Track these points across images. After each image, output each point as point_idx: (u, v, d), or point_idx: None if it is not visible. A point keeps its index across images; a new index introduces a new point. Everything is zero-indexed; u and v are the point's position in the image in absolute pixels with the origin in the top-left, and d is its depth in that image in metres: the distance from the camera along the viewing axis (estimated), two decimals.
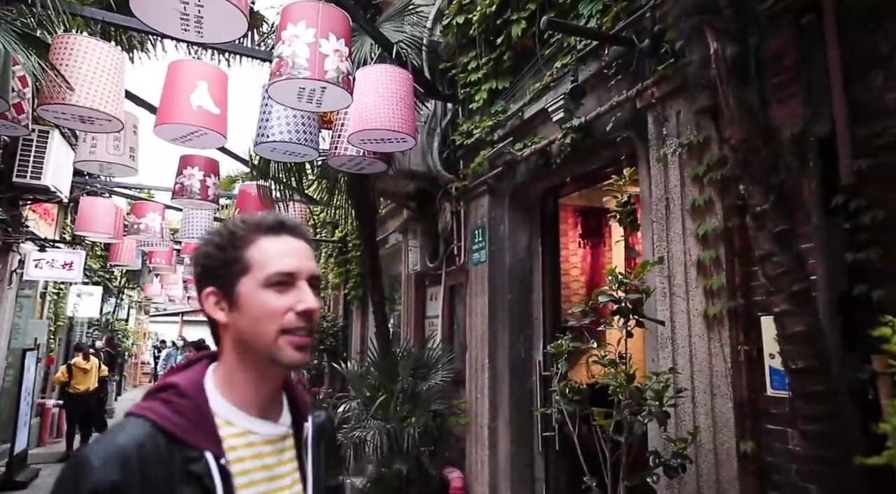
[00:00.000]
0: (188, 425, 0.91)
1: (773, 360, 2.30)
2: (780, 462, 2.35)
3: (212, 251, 0.99)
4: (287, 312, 0.95)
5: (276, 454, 0.99)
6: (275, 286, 0.95)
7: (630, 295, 2.08)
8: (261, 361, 0.97)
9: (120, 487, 0.83)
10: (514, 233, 4.60)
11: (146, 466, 0.86)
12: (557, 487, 4.26)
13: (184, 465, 0.88)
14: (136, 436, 0.88)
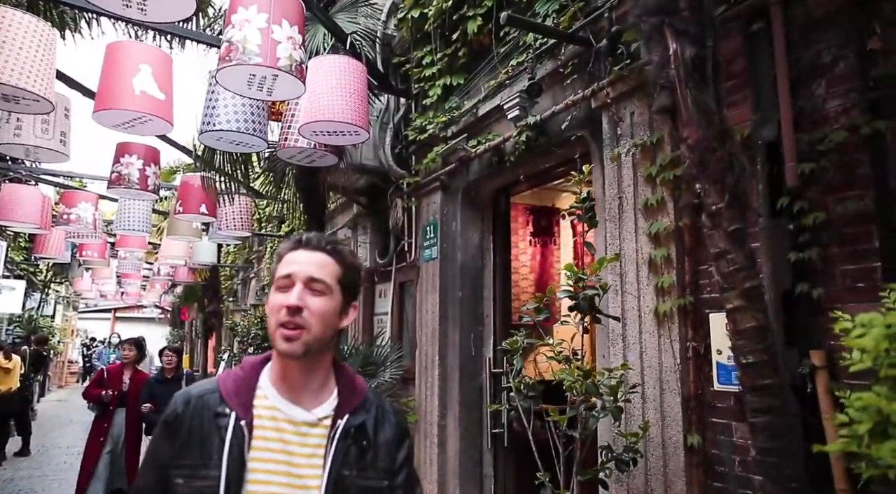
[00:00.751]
0: (232, 391, 1.19)
1: (721, 356, 2.38)
2: (724, 455, 2.44)
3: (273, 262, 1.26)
4: (281, 308, 1.16)
5: (299, 436, 1.18)
6: (278, 289, 1.18)
7: (587, 291, 2.10)
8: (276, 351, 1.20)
9: (180, 417, 1.17)
10: (466, 230, 4.59)
11: (199, 409, 1.17)
12: (506, 483, 4.29)
13: (216, 417, 1.16)
14: (205, 389, 1.21)
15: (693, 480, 2.49)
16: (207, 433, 1.14)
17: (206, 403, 1.17)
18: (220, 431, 1.13)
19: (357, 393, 1.26)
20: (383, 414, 1.27)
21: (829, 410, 2.02)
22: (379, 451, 1.22)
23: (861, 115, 2.02)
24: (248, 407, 1.17)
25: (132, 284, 16.23)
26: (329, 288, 1.20)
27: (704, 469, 2.49)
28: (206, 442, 1.14)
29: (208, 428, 1.15)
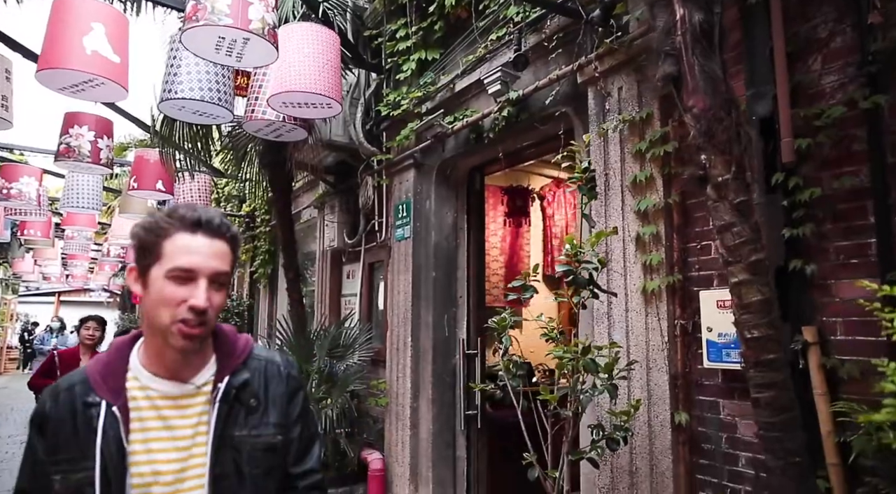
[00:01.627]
0: (99, 378, 1.13)
1: (711, 333, 2.37)
2: (711, 432, 2.43)
3: (141, 233, 1.13)
4: (181, 304, 1.08)
5: (178, 409, 1.14)
6: (175, 279, 1.09)
7: (586, 265, 2.04)
8: (159, 337, 1.12)
9: (48, 415, 1.11)
10: (441, 209, 4.49)
11: (67, 403, 1.11)
12: (479, 465, 4.25)
13: (85, 408, 1.10)
14: (73, 380, 1.14)
15: (679, 457, 2.48)
16: (79, 425, 1.10)
17: (75, 395, 1.12)
18: (92, 421, 1.09)
19: (237, 354, 1.22)
20: (273, 368, 1.25)
21: (822, 386, 2.02)
22: (269, 407, 1.20)
23: (859, 90, 2.00)
24: (119, 391, 1.12)
25: (79, 266, 15.48)
26: (228, 280, 1.16)
27: (691, 446, 2.48)
28: (80, 435, 1.09)
29: (80, 420, 1.10)
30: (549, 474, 2.35)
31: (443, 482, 4.18)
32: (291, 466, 1.23)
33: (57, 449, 1.09)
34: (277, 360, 1.28)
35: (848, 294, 2.02)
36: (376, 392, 4.71)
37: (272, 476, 1.18)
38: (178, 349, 1.10)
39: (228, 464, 1.13)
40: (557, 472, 2.32)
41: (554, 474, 2.35)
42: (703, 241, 2.51)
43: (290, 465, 1.23)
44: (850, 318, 2.02)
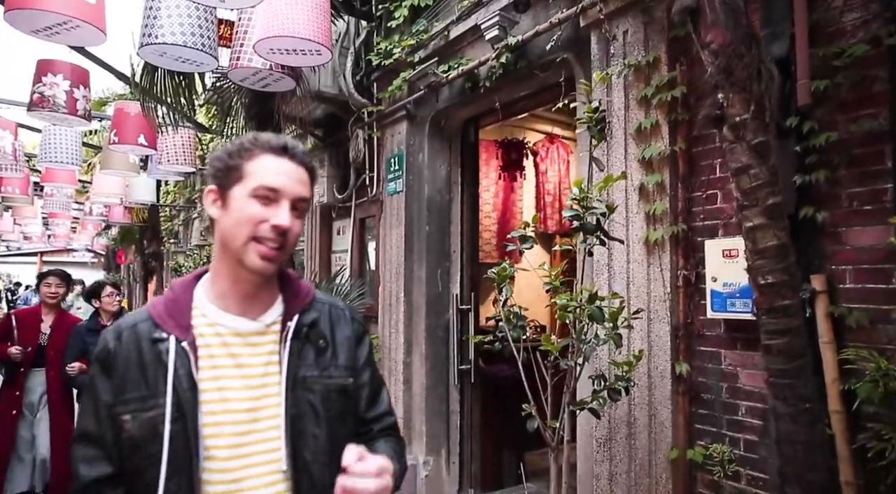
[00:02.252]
0: (166, 314, 1.10)
1: (716, 283, 2.32)
2: (711, 383, 2.42)
3: (222, 156, 1.11)
4: (262, 222, 1.06)
5: (249, 347, 1.11)
6: (259, 198, 1.06)
7: (594, 211, 1.96)
8: (233, 261, 1.09)
9: (113, 353, 1.08)
10: (434, 162, 4.38)
11: (132, 340, 1.08)
12: (472, 418, 4.27)
13: (153, 343, 1.07)
14: (136, 319, 1.12)
15: (679, 408, 2.48)
16: (147, 362, 1.06)
17: (140, 332, 1.08)
18: (161, 356, 1.06)
19: (303, 294, 1.20)
20: (338, 312, 1.22)
21: (828, 334, 2.00)
22: (338, 349, 1.17)
23: (884, 27, 1.91)
24: (187, 327, 1.09)
25: (61, 225, 15.17)
26: (307, 209, 1.15)
27: (690, 397, 2.47)
28: (148, 372, 1.06)
29: (147, 357, 1.06)
30: (549, 424, 2.34)
31: (436, 435, 4.20)
32: (364, 411, 1.21)
33: (124, 388, 1.05)
34: (340, 305, 1.25)
35: (859, 241, 1.98)
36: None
37: (346, 420, 1.16)
38: (254, 271, 1.07)
39: (304, 404, 1.10)
40: (557, 422, 2.30)
41: (554, 424, 2.33)
42: (709, 190, 2.45)
43: (363, 410, 1.21)
44: (860, 266, 1.98)
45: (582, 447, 2.91)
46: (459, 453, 4.28)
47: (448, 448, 4.26)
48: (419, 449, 4.19)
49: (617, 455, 2.69)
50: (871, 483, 1.91)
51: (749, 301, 2.15)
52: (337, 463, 1.02)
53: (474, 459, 4.29)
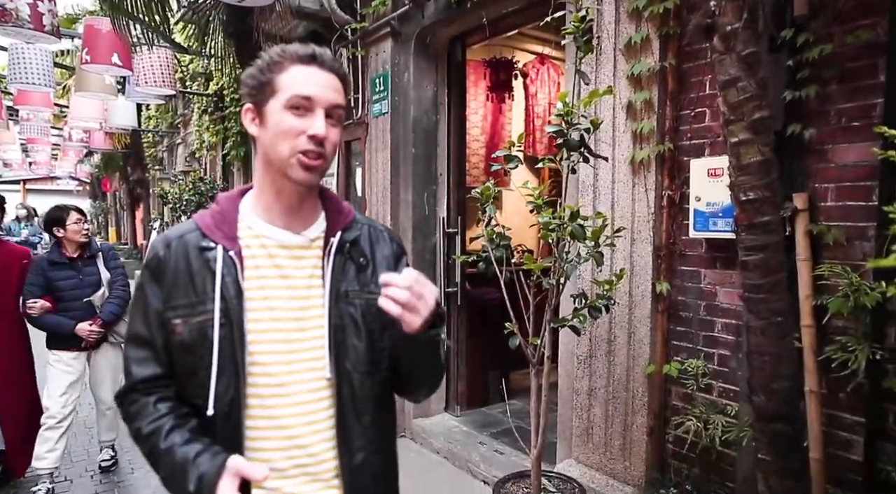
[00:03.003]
0: (213, 225, 1.13)
1: (699, 203, 2.32)
2: (689, 301, 2.47)
3: (254, 72, 1.10)
4: (300, 134, 1.05)
5: (294, 259, 1.13)
6: (294, 109, 1.06)
7: (578, 126, 1.92)
8: (277, 174, 1.10)
9: (161, 261, 1.11)
10: (420, 82, 4.24)
11: (181, 249, 1.11)
12: (458, 338, 4.37)
13: (201, 252, 1.11)
14: (183, 230, 1.15)
15: (657, 325, 2.54)
16: (196, 269, 1.10)
17: (188, 241, 1.11)
18: (210, 264, 1.09)
19: (345, 213, 1.22)
20: (377, 233, 1.24)
21: (806, 251, 2.02)
22: (378, 267, 1.18)
23: None
24: (234, 238, 1.12)
25: (41, 151, 14.82)
26: (342, 117, 1.12)
27: (669, 315, 2.53)
28: (196, 279, 1.09)
29: (196, 265, 1.10)
30: (531, 342, 2.39)
31: None
32: None
33: (174, 294, 1.09)
34: (380, 226, 1.27)
35: (844, 158, 1.97)
36: None
37: (387, 334, 1.16)
38: (298, 182, 1.08)
39: (346, 317, 1.14)
40: (539, 339, 2.36)
41: (535, 342, 2.38)
42: (698, 108, 2.40)
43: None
44: (842, 184, 1.98)
45: (563, 364, 3.00)
46: (446, 372, 4.40)
47: None
48: None
49: (597, 372, 2.78)
50: (832, 391, 1.99)
51: (731, 220, 2.16)
52: (377, 375, 1.14)
53: (460, 378, 4.43)
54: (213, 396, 1.07)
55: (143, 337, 1.11)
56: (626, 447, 2.65)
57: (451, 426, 4.21)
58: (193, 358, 1.08)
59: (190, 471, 1.02)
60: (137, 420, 1.09)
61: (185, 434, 1.07)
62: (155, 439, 1.07)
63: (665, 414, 2.58)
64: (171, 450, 1.05)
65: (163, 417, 1.08)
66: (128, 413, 1.11)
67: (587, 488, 2.68)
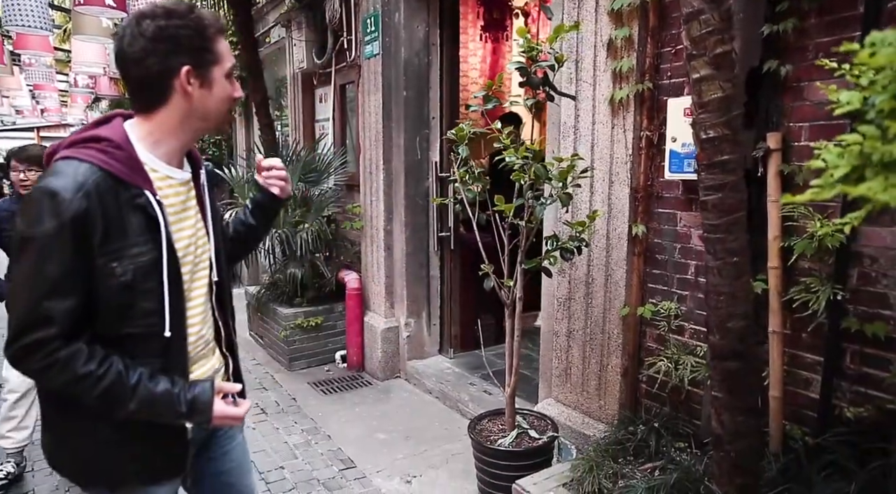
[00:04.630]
0: (128, 170, 1.18)
1: (675, 144, 2.28)
2: (665, 243, 2.46)
3: (187, 34, 1.18)
4: (233, 98, 1.30)
5: (186, 193, 1.33)
6: (229, 77, 1.27)
7: (541, 63, 1.87)
8: (203, 127, 1.32)
9: (89, 212, 1.10)
10: (411, 22, 4.13)
11: (102, 198, 1.13)
12: (452, 282, 4.42)
13: (131, 199, 1.17)
14: (92, 177, 1.13)
15: (633, 268, 2.54)
16: (127, 214, 1.16)
17: (109, 189, 1.14)
18: (146, 209, 1.18)
19: (196, 153, 1.43)
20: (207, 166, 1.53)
21: (776, 193, 1.99)
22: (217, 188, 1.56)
23: None
24: (150, 182, 1.22)
25: (49, 98, 14.79)
26: None
27: (645, 257, 2.53)
28: (131, 223, 1.16)
29: (126, 210, 1.16)
30: (504, 283, 2.42)
31: (417, 299, 4.38)
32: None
33: (108, 240, 1.13)
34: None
35: (820, 95, 1.91)
36: (352, 216, 4.74)
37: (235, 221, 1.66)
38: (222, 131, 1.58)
39: (219, 229, 1.43)
40: (512, 281, 2.38)
41: (509, 283, 2.41)
42: (679, 45, 2.32)
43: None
44: (816, 122, 1.93)
45: (545, 307, 3.04)
46: (440, 316, 4.48)
47: (429, 311, 4.46)
48: (400, 312, 4.39)
49: (575, 314, 2.81)
50: (795, 331, 2.01)
51: None
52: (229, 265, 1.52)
53: (454, 321, 4.51)
54: (168, 320, 1.22)
55: (67, 285, 1.10)
56: (601, 387, 2.71)
57: (443, 368, 4.32)
58: (133, 294, 1.17)
59: (178, 397, 1.21)
60: (75, 363, 1.11)
61: (141, 370, 1.19)
62: (114, 377, 1.14)
63: (639, 355, 2.62)
64: (141, 385, 1.17)
65: (108, 357, 1.15)
66: (50, 363, 1.10)
67: (563, 425, 2.77)
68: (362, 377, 4.50)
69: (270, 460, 3.21)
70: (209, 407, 1.24)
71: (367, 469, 3.13)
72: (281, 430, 3.60)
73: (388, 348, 4.40)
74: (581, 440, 2.72)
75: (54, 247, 1.09)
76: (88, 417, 1.22)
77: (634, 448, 2.33)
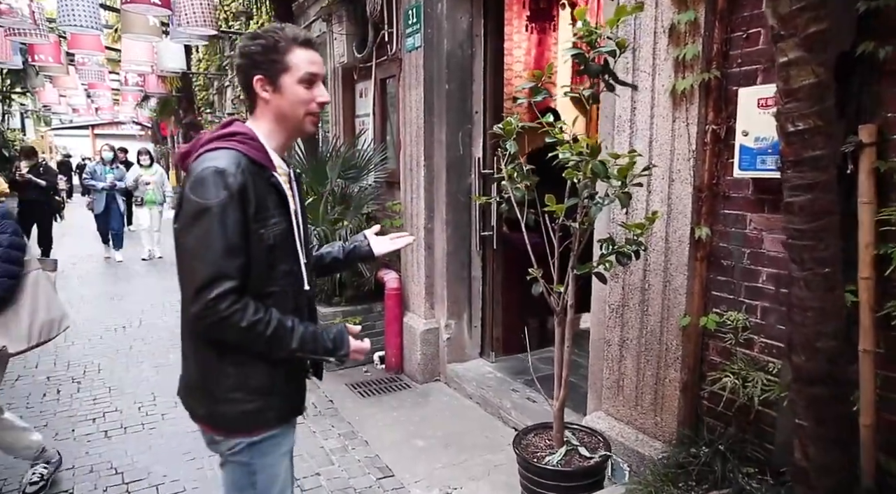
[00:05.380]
0: (263, 156, 1.43)
1: (746, 138, 2.06)
2: (732, 247, 2.24)
3: (258, 50, 1.42)
4: (311, 102, 1.46)
5: (288, 182, 1.54)
6: (305, 82, 1.43)
7: (601, 49, 1.67)
8: (292, 128, 1.49)
9: (247, 185, 1.35)
10: (454, 12, 3.97)
11: (253, 176, 1.37)
12: (494, 283, 4.25)
13: (267, 179, 1.42)
14: (243, 159, 1.37)
15: (695, 274, 2.33)
16: (265, 190, 1.40)
17: (253, 170, 1.38)
18: (278, 188, 1.44)
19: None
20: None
21: (869, 193, 1.75)
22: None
23: None
24: (275, 168, 1.46)
25: (102, 96, 15.24)
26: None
27: (709, 263, 2.31)
28: (269, 198, 1.41)
29: (263, 187, 1.40)
30: (554, 289, 2.24)
31: (458, 300, 4.23)
32: None
33: (259, 210, 1.37)
34: None
35: None
36: (392, 213, 4.62)
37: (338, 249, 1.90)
38: (309, 133, 1.52)
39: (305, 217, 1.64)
40: (563, 287, 2.20)
41: (559, 289, 2.23)
42: (752, 28, 2.09)
43: None
44: None
45: (595, 312, 2.84)
46: (482, 318, 4.32)
47: (470, 313, 4.31)
48: (441, 313, 4.25)
49: (629, 322, 2.61)
50: (890, 350, 1.76)
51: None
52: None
53: (496, 324, 4.34)
54: (306, 276, 1.54)
55: (238, 246, 1.33)
56: (657, 401, 2.50)
57: (484, 372, 4.15)
58: (277, 254, 1.43)
59: (324, 335, 1.48)
60: (248, 312, 1.33)
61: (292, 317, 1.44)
62: (277, 323, 1.38)
63: (700, 369, 2.40)
64: (297, 327, 1.42)
65: (267, 308, 1.38)
66: (233, 311, 1.30)
67: (615, 442, 2.57)
68: (401, 379, 4.38)
69: (307, 466, 3.11)
70: (347, 342, 1.51)
71: (404, 479, 3.00)
72: (318, 434, 3.50)
73: (428, 350, 4.26)
74: (634, 458, 2.52)
75: (228, 213, 1.31)
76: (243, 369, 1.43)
77: (697, 472, 2.13)
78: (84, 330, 5.63)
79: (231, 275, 1.31)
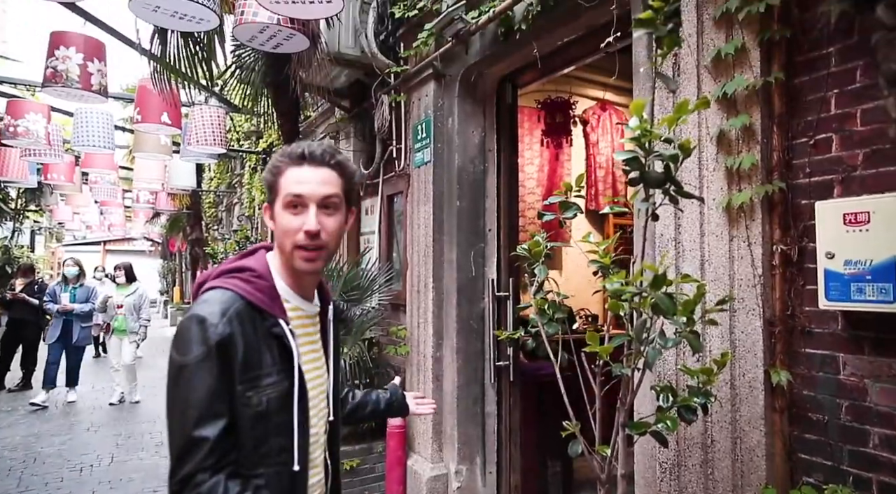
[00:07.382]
0: (267, 300, 1.23)
1: (832, 261, 1.66)
2: (823, 398, 1.77)
3: (267, 175, 1.29)
4: (298, 232, 1.21)
5: (313, 326, 1.36)
6: (290, 208, 1.22)
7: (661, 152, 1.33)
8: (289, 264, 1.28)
9: (234, 337, 1.15)
10: (465, 127, 3.79)
11: (244, 326, 1.17)
12: (511, 421, 3.70)
13: (268, 328, 1.21)
14: (235, 305, 1.18)
15: (775, 430, 1.84)
16: (263, 343, 1.18)
17: (245, 316, 1.18)
18: (282, 339, 1.20)
19: (326, 287, 1.43)
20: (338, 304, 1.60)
21: None
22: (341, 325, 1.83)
23: None
24: (285, 312, 1.24)
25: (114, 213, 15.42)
26: (339, 203, 1.25)
27: (792, 416, 1.83)
28: (267, 352, 1.18)
29: (262, 339, 1.18)
30: (599, 450, 1.75)
31: (470, 440, 3.66)
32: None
33: (246, 368, 1.15)
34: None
35: None
36: (396, 339, 4.17)
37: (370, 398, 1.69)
38: (302, 271, 1.24)
39: (340, 370, 1.42)
40: (609, 449, 1.71)
41: (604, 450, 1.74)
42: (820, 134, 1.78)
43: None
44: None
45: (641, 472, 2.31)
46: (497, 461, 3.72)
47: (483, 456, 3.72)
48: (450, 456, 3.66)
49: (688, 487, 2.07)
50: None
51: (890, 285, 1.49)
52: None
53: (514, 468, 3.72)
54: (297, 454, 1.19)
55: (215, 411, 1.10)
56: None
57: None
58: (267, 427, 1.16)
59: None
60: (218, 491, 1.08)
61: None
62: None
63: None
64: None
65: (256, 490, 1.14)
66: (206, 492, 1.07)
67: None
68: None
69: None
70: None
71: None
72: None
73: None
74: None
75: (203, 374, 1.11)
76: None
77: None
78: None
79: (203, 447, 1.09)
